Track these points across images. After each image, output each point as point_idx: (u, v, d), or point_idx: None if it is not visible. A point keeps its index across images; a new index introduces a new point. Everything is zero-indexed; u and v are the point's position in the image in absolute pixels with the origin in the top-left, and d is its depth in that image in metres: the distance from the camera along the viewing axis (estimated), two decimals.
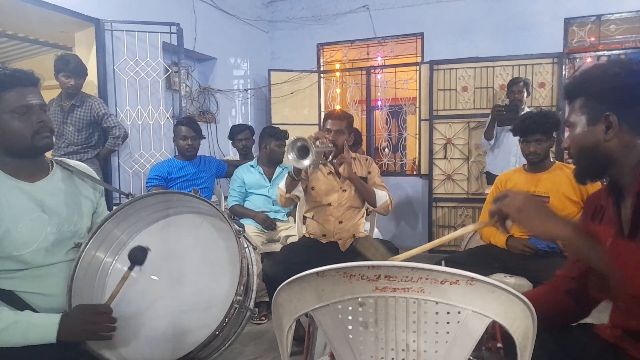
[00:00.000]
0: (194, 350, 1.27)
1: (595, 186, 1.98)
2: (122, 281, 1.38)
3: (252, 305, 1.40)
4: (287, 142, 2.29)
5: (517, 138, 2.65)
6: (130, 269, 1.40)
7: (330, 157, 2.52)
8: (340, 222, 2.65)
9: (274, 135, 3.53)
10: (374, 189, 2.64)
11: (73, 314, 1.33)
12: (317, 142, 2.37)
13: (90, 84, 3.74)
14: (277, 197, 2.72)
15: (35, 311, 1.36)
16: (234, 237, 1.39)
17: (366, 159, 2.82)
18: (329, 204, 2.66)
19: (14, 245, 1.34)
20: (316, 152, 2.26)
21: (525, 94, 3.95)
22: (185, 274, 1.52)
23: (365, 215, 2.85)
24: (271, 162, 3.56)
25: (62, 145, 3.49)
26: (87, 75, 3.50)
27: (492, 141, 4.08)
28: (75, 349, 1.31)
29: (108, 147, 3.60)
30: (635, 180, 1.08)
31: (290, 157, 2.23)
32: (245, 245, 1.46)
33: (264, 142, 3.57)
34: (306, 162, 2.20)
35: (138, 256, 1.41)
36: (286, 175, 2.57)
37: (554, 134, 2.60)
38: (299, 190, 2.62)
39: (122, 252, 1.57)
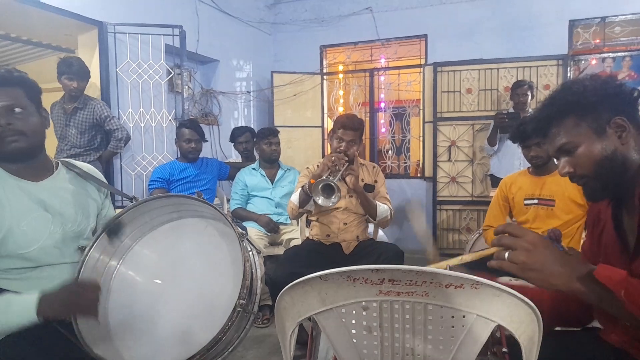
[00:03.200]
0: (197, 355, 1.27)
1: None
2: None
3: (255, 309, 1.39)
4: (312, 186, 2.37)
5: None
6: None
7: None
8: (345, 224, 2.64)
9: (260, 135, 3.58)
10: (377, 203, 2.61)
11: (55, 290, 1.26)
12: (337, 166, 2.41)
13: (93, 87, 3.74)
14: (288, 209, 2.70)
15: None
16: (237, 241, 1.38)
17: (373, 167, 2.80)
18: (336, 209, 2.65)
19: (18, 243, 1.34)
20: (338, 180, 2.34)
21: (530, 97, 3.92)
22: (189, 277, 1.51)
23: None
24: (265, 161, 3.57)
25: (64, 147, 3.50)
26: (89, 77, 3.51)
27: (496, 147, 4.06)
28: (79, 351, 1.30)
29: (110, 150, 3.60)
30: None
31: (320, 201, 2.33)
32: (249, 249, 1.46)
33: (256, 145, 3.65)
34: (335, 198, 2.31)
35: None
36: (299, 190, 2.56)
37: None
38: (310, 204, 2.61)
39: (127, 255, 1.57)
